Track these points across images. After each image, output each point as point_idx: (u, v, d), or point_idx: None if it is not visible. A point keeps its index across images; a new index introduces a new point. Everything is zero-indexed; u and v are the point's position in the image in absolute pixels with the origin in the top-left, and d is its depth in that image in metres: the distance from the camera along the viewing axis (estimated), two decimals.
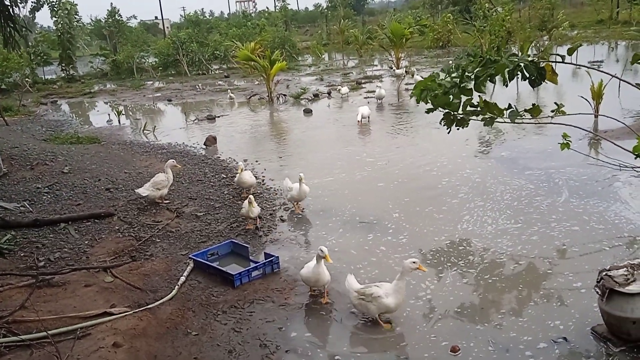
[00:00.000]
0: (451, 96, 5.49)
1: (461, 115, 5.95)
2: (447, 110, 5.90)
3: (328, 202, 8.37)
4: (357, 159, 10.96)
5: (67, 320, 4.99)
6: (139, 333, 4.87)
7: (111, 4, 41.95)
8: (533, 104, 5.93)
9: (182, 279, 5.96)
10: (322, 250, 5.33)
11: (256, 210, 7.29)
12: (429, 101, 5.79)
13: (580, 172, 8.68)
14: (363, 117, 13.73)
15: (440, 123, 6.08)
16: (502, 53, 5.34)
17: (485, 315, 5.05)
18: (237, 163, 11.11)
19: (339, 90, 19.21)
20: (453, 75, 5.55)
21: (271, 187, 9.36)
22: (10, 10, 10.23)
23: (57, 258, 6.57)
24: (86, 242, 7.08)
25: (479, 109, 5.76)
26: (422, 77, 18.99)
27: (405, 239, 6.88)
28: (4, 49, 22.17)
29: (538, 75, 5.21)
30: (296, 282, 5.88)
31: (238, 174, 8.66)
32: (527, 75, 5.23)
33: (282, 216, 7.96)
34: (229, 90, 21.28)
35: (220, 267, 6.17)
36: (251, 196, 7.36)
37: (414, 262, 4.87)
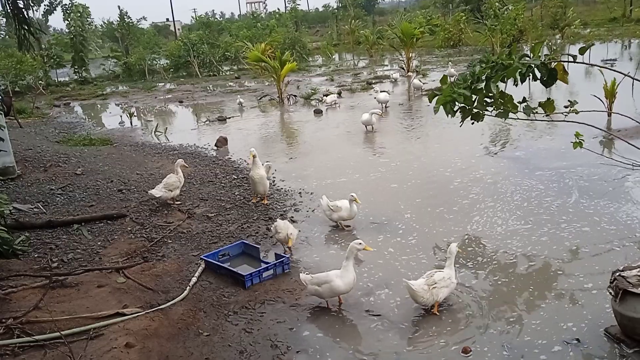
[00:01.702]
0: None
1: (476, 110, 5.98)
2: (462, 105, 5.93)
3: None
4: (370, 159, 10.96)
5: (80, 320, 5.03)
6: (151, 333, 4.90)
7: (118, 6, 42.13)
8: (548, 98, 5.90)
9: (194, 279, 5.99)
10: (360, 243, 5.28)
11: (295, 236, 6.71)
12: (447, 110, 5.87)
13: (590, 172, 8.60)
14: (368, 124, 13.20)
15: (453, 115, 6.06)
16: (514, 57, 5.36)
17: (496, 318, 5.02)
18: (247, 164, 11.15)
19: (324, 99, 18.10)
20: (473, 71, 5.62)
21: (282, 188, 9.38)
22: (25, 13, 10.35)
23: (71, 259, 6.63)
24: (99, 243, 7.14)
25: (493, 100, 5.77)
26: (420, 81, 18.77)
27: (415, 239, 6.86)
28: (19, 51, 22.45)
29: (549, 76, 5.22)
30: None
31: (251, 162, 8.33)
32: (539, 76, 5.26)
33: (292, 217, 7.97)
34: (238, 97, 20.51)
35: (231, 268, 6.19)
36: (293, 233, 6.63)
37: (456, 245, 5.41)
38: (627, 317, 4.27)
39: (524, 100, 6.20)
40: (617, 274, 4.40)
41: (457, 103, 5.93)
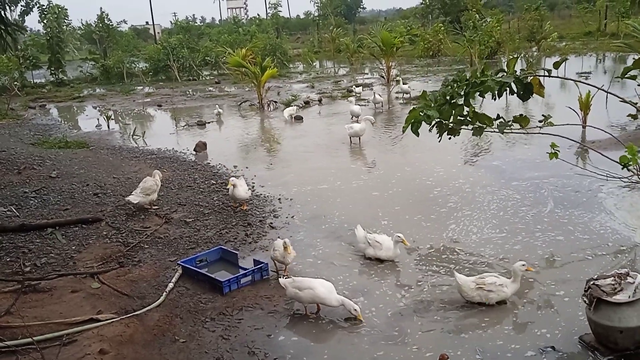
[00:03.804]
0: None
1: (452, 125, 6.05)
2: (439, 119, 5.99)
3: (318, 210, 8.37)
4: (352, 167, 10.98)
5: (53, 326, 4.94)
6: (126, 340, 4.83)
7: (100, 8, 41.58)
8: (520, 114, 6.01)
9: (170, 285, 5.93)
10: (355, 310, 5.17)
11: (292, 255, 6.20)
12: (413, 130, 5.91)
13: (565, 182, 8.75)
14: (354, 136, 12.71)
15: (429, 130, 6.14)
16: (488, 74, 5.45)
17: (469, 323, 5.06)
18: (226, 169, 11.11)
19: (284, 111, 17.02)
20: (445, 91, 5.69)
21: (261, 194, 9.34)
22: (2, 12, 10.20)
23: (44, 263, 6.51)
24: (73, 247, 7.02)
25: (468, 119, 5.87)
26: (380, 97, 18.31)
27: None
28: None
29: (525, 90, 5.32)
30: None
31: (231, 188, 8.19)
32: (515, 91, 5.35)
33: (271, 223, 7.95)
34: (216, 106, 19.19)
35: (209, 274, 6.13)
36: (287, 240, 6.17)
37: (523, 265, 5.37)
38: (601, 325, 4.35)
39: (498, 117, 6.31)
40: (592, 282, 4.48)
41: (432, 120, 6.00)
